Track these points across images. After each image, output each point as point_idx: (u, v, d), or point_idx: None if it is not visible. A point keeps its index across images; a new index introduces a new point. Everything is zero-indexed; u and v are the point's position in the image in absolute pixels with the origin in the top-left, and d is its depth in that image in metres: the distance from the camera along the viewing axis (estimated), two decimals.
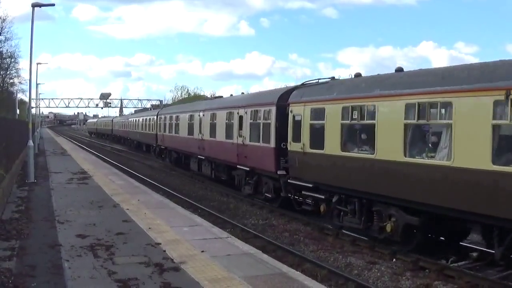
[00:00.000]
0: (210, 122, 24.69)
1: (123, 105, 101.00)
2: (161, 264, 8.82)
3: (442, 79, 10.95)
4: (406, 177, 11.43)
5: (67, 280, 7.90)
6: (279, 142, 17.11)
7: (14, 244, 10.07)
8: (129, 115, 70.52)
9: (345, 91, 14.23)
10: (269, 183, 18.61)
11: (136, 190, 19.06)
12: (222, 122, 22.74)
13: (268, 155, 17.71)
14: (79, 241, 10.44)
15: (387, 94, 12.21)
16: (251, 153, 19.17)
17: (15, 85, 61.94)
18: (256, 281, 8.01)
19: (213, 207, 19.30)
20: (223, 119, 22.60)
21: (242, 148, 19.95)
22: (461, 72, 10.76)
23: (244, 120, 19.98)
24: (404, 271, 11.20)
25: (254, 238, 14.04)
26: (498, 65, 9.96)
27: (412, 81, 11.86)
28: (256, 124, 19.07)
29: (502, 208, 9.22)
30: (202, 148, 25.79)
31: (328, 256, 12.64)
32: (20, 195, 16.77)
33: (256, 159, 18.79)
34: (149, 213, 13.77)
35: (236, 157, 20.60)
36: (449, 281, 10.44)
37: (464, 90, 10.04)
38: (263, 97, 20.06)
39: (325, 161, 14.55)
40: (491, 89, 9.44)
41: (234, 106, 21.81)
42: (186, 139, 29.39)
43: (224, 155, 22.53)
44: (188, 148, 29.39)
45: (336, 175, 14.17)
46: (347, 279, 10.55)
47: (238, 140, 20.50)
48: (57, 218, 12.78)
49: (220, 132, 23.06)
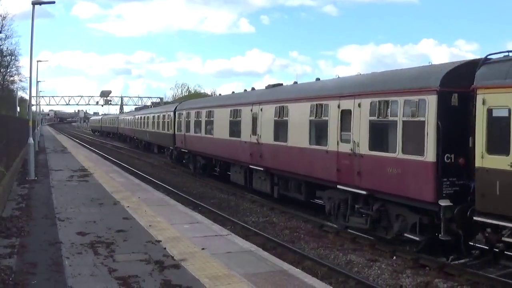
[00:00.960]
0: (276, 120, 17.88)
1: (123, 103, 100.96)
2: (161, 262, 8.82)
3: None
4: None
5: (68, 277, 7.90)
6: (443, 154, 10.99)
7: (14, 242, 10.08)
8: (135, 112, 61.14)
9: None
10: (407, 217, 12.07)
11: (137, 187, 19.07)
12: (303, 121, 15.97)
13: (417, 174, 11.43)
14: (80, 238, 10.45)
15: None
16: (370, 168, 12.74)
17: (16, 83, 62.13)
18: (256, 278, 8.01)
19: (214, 204, 19.31)
20: (305, 116, 15.80)
21: (350, 159, 13.42)
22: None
23: (354, 116, 13.36)
24: (404, 268, 11.20)
25: (255, 235, 14.05)
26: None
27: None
28: (384, 124, 12.56)
29: None
30: (258, 155, 19.15)
31: (328, 253, 12.64)
32: (20, 193, 16.77)
33: (383, 177, 12.36)
34: (150, 210, 13.78)
35: (333, 172, 14.10)
36: (450, 278, 10.44)
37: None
38: (401, 79, 12.74)
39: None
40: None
41: (328, 95, 14.83)
42: (225, 142, 22.66)
43: (306, 168, 15.82)
44: (228, 154, 22.64)
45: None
46: (348, 277, 10.55)
47: (340, 147, 13.90)
48: (57, 216, 12.79)
49: (296, 134, 16.39)
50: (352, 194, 13.52)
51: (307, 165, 15.75)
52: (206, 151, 26.04)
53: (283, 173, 17.75)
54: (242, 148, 20.60)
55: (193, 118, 28.36)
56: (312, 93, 16.12)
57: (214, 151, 24.76)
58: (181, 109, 31.63)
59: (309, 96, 16.14)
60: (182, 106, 32.11)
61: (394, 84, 12.53)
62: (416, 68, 13.16)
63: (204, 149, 26.37)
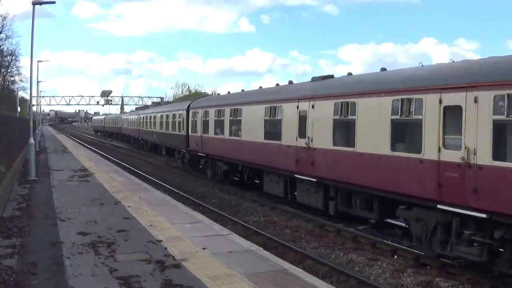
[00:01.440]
0: (337, 119, 14.40)
1: (124, 103, 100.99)
2: (162, 261, 8.81)
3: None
4: None
5: (68, 277, 7.89)
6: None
7: (15, 242, 10.06)
8: (140, 110, 55.37)
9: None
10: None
11: (137, 187, 19.06)
12: (382, 120, 12.52)
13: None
14: (80, 238, 10.44)
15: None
16: (494, 184, 9.51)
17: (16, 83, 62.20)
18: (257, 278, 8.00)
19: (214, 204, 19.29)
20: (384, 114, 12.43)
21: (460, 171, 10.07)
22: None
23: (468, 115, 10.01)
24: (405, 267, 11.20)
25: (256, 235, 14.04)
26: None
27: None
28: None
29: None
30: (308, 162, 15.57)
31: (329, 253, 12.64)
32: (21, 193, 16.76)
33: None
34: (150, 210, 13.77)
35: (431, 188, 10.82)
36: (451, 278, 10.45)
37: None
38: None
39: None
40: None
41: (420, 88, 11.39)
42: (258, 146, 19.08)
43: (383, 180, 12.48)
44: (262, 160, 18.99)
45: None
46: (349, 276, 10.54)
47: (443, 155, 10.58)
48: (58, 216, 12.78)
49: (370, 137, 12.94)
50: (461, 216, 10.29)
51: (386, 176, 12.39)
52: (230, 155, 22.27)
53: (346, 186, 14.27)
54: (284, 154, 17.11)
55: (212, 117, 24.33)
56: (395, 84, 12.41)
57: (241, 156, 21.00)
58: (196, 107, 27.41)
59: (389, 88, 12.42)
60: (198, 104, 27.87)
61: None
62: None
63: (227, 153, 22.53)
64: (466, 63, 11.18)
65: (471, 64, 10.92)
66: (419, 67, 12.49)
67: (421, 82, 11.51)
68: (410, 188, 11.54)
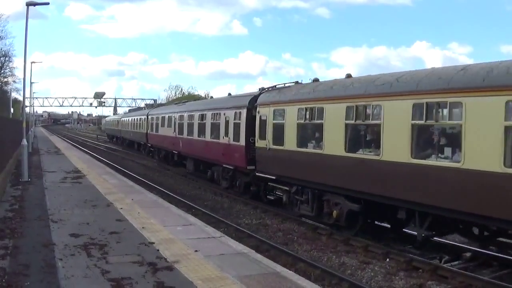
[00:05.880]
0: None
1: (117, 104, 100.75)
2: (154, 264, 8.81)
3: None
4: None
5: (61, 279, 7.88)
6: None
7: (7, 243, 10.04)
8: (176, 106, 33.92)
9: None
10: None
11: (130, 189, 19.03)
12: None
13: None
14: (73, 240, 10.42)
15: None
16: None
17: (9, 84, 61.98)
18: (249, 280, 8.02)
19: (207, 206, 19.30)
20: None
21: None
22: None
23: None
24: (397, 271, 11.23)
25: (248, 237, 14.05)
26: None
27: None
28: None
29: None
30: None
31: (321, 255, 12.66)
32: (14, 194, 16.70)
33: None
34: (143, 212, 13.76)
35: None
36: (443, 281, 10.49)
37: None
38: None
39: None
40: None
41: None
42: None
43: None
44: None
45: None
46: (341, 279, 10.57)
47: None
48: (50, 217, 12.74)
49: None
50: None
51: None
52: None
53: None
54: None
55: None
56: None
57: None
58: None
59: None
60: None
61: None
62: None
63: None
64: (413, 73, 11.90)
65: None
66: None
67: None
68: None
